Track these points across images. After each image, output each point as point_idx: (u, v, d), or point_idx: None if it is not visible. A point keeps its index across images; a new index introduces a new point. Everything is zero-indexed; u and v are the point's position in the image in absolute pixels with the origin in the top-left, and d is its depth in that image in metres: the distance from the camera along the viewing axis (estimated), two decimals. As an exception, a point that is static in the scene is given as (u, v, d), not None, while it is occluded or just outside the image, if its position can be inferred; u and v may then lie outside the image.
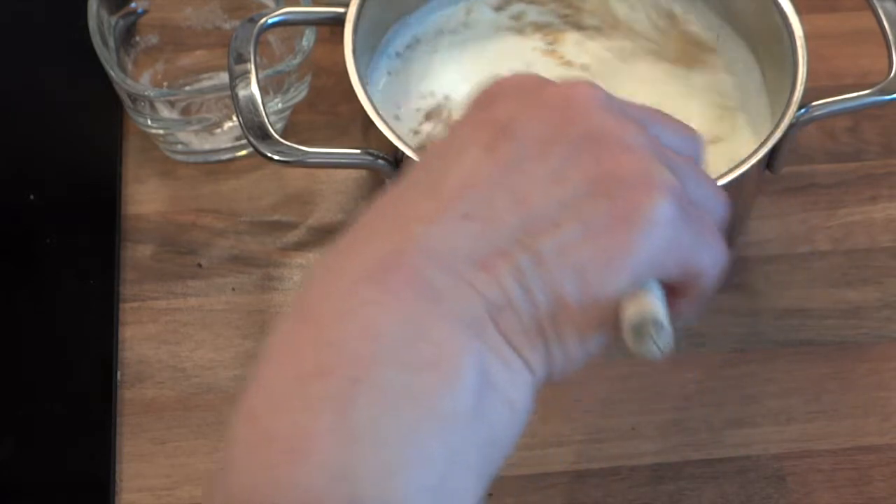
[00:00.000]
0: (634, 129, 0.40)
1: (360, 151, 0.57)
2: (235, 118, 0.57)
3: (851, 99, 0.58)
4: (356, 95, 0.56)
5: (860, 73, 0.71)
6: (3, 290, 0.63)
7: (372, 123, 0.55)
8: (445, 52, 0.66)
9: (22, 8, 0.73)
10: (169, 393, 0.60)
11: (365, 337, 0.36)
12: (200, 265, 0.64)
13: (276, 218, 0.66)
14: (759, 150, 0.55)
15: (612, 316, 0.38)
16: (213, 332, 0.62)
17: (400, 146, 0.54)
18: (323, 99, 0.70)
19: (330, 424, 0.34)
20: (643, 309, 0.37)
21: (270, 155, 0.55)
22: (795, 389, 0.61)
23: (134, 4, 0.69)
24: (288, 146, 0.56)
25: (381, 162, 0.56)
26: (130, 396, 0.60)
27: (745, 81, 0.64)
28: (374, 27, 0.62)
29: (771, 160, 0.58)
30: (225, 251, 0.65)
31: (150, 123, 0.66)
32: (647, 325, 0.37)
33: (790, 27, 0.59)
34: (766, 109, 0.62)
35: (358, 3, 0.60)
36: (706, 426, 0.60)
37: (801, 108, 0.57)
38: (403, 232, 0.38)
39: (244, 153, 0.68)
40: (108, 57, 0.64)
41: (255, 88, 0.56)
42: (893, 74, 0.57)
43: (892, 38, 0.58)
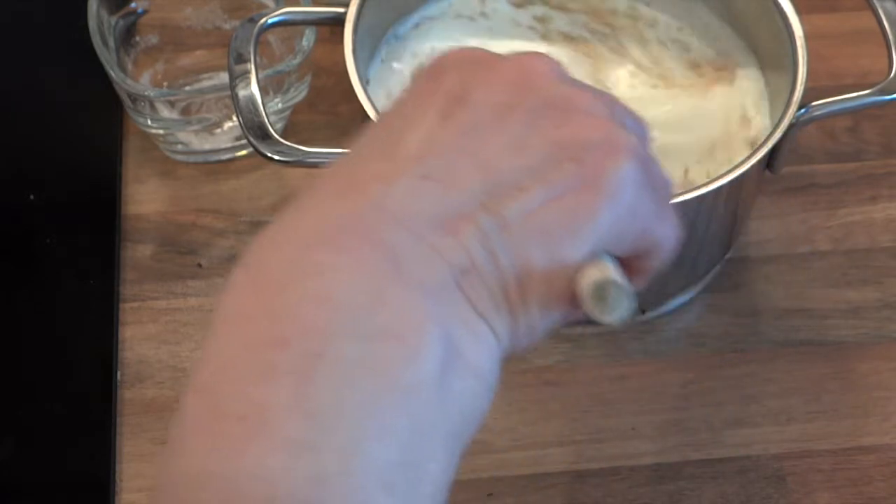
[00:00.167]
0: (591, 96, 0.39)
1: (360, 151, 0.57)
2: (235, 118, 0.57)
3: (851, 99, 0.58)
4: (356, 95, 0.56)
5: (860, 73, 0.71)
6: (3, 290, 0.63)
7: (372, 123, 0.56)
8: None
9: (22, 8, 0.73)
10: (169, 393, 0.60)
11: (321, 304, 0.34)
12: (200, 265, 0.64)
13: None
14: (759, 150, 0.55)
15: (575, 285, 0.37)
16: (213, 332, 0.62)
17: (400, 146, 0.54)
18: (323, 99, 0.70)
19: (287, 398, 0.32)
20: (603, 272, 0.37)
21: (270, 155, 0.55)
22: (795, 389, 0.61)
23: (134, 4, 0.69)
24: (288, 146, 0.55)
25: (381, 162, 0.56)
26: (130, 396, 0.60)
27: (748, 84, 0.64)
28: (374, 27, 0.62)
29: (771, 160, 0.58)
30: (225, 251, 0.65)
31: (150, 123, 0.66)
32: (608, 285, 0.36)
33: (790, 27, 0.59)
34: (766, 109, 0.62)
35: (358, 3, 0.60)
36: (706, 426, 0.60)
37: (801, 108, 0.57)
38: (360, 192, 0.36)
39: (244, 153, 0.68)
40: (108, 57, 0.64)
41: (255, 88, 0.56)
42: (893, 74, 0.57)
43: (892, 38, 0.58)
